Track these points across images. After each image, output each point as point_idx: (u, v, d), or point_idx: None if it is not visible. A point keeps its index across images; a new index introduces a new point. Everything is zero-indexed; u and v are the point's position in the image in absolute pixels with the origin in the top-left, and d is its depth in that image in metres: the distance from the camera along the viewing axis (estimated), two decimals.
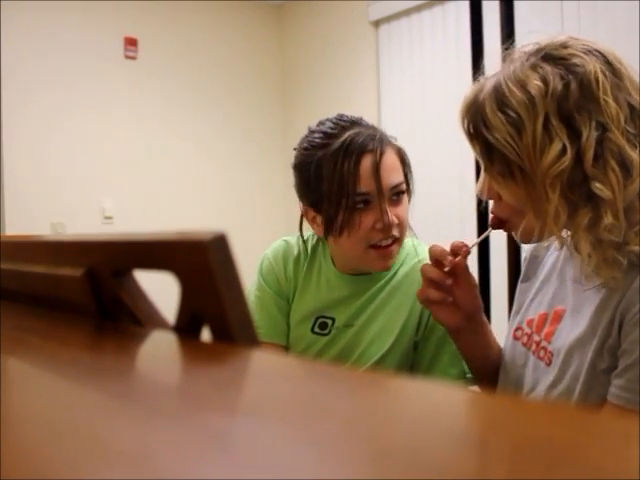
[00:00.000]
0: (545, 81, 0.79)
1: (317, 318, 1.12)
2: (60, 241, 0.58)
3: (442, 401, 0.26)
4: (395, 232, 1.04)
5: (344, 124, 1.05)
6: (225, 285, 0.35)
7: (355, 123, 1.05)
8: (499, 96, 0.82)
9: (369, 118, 1.10)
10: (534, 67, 0.81)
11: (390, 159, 1.03)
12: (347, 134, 1.02)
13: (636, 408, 0.77)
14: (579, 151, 0.78)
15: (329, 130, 1.04)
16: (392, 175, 1.03)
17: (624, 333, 0.80)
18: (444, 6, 3.23)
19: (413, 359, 1.10)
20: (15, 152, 3.19)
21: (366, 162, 1.01)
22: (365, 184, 1.01)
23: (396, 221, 1.03)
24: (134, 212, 3.50)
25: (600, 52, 0.83)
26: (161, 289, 0.69)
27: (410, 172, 1.08)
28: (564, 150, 0.77)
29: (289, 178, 1.14)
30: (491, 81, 0.84)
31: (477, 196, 0.93)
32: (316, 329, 1.12)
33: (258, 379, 0.32)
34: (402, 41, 3.46)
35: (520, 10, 2.23)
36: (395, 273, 1.11)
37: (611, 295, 0.82)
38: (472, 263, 0.99)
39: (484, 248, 1.98)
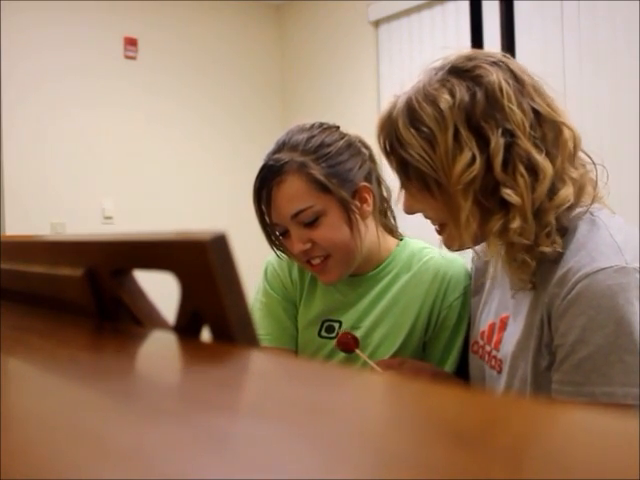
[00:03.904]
0: (452, 93, 0.83)
1: (324, 322, 1.13)
2: (60, 241, 0.58)
3: (443, 401, 0.26)
4: (318, 252, 1.05)
5: (274, 148, 1.05)
6: (225, 285, 0.35)
7: (284, 146, 1.04)
8: (410, 112, 0.85)
9: (368, 118, 1.10)
10: (442, 81, 0.85)
11: (289, 187, 1.02)
12: (263, 163, 1.04)
13: (579, 399, 0.78)
14: (489, 158, 0.81)
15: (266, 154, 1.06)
16: (291, 204, 1.02)
17: (554, 327, 0.82)
18: (444, 6, 3.23)
19: (422, 359, 1.10)
20: (15, 152, 3.19)
21: (264, 197, 1.04)
22: (269, 215, 1.05)
23: (307, 246, 1.04)
24: (134, 212, 3.49)
25: (504, 62, 0.86)
26: (161, 289, 0.69)
27: (335, 186, 1.02)
28: (473, 159, 0.80)
29: None
30: (403, 98, 0.87)
31: (404, 212, 0.95)
32: (323, 333, 1.12)
33: (258, 379, 0.32)
34: (402, 41, 3.46)
35: (520, 10, 2.23)
36: (397, 275, 1.11)
37: (540, 293, 0.84)
38: None
39: None
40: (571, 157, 0.85)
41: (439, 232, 0.93)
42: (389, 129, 0.87)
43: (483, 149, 0.81)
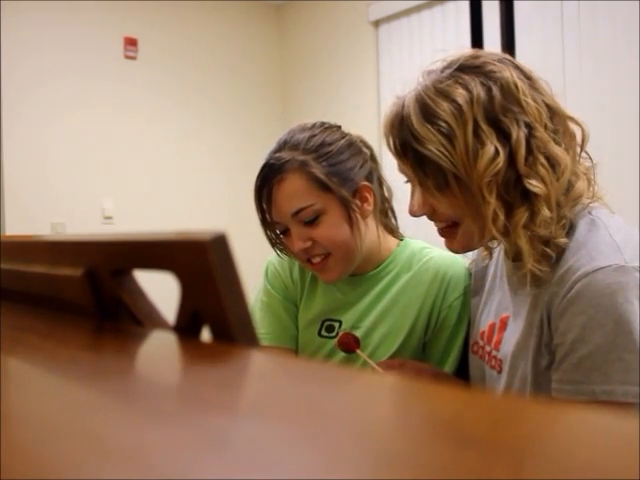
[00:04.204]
0: (468, 89, 0.82)
1: (324, 321, 1.13)
2: (60, 241, 0.58)
3: (444, 401, 0.26)
4: (318, 251, 1.05)
5: (275, 147, 1.06)
6: (225, 285, 0.35)
7: (285, 144, 1.05)
8: (424, 108, 0.84)
9: (368, 118, 1.10)
10: (453, 78, 0.84)
11: (290, 185, 1.02)
12: (264, 162, 1.05)
13: (579, 398, 0.78)
14: (510, 151, 0.81)
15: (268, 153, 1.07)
16: (291, 202, 1.02)
17: (554, 327, 0.82)
18: (444, 6, 3.23)
19: (422, 359, 1.10)
20: (15, 152, 3.19)
21: (264, 195, 1.05)
22: (270, 214, 1.06)
23: (307, 244, 1.04)
24: (134, 212, 3.49)
25: (508, 59, 0.86)
26: (161, 289, 0.69)
27: (336, 185, 1.02)
28: (497, 152, 0.80)
29: None
30: (410, 96, 0.86)
31: (409, 214, 0.94)
32: (323, 332, 1.12)
33: (258, 379, 0.32)
34: (402, 41, 3.46)
35: (520, 10, 2.23)
36: (397, 274, 1.11)
37: (540, 292, 0.84)
38: None
39: None
40: (577, 152, 0.86)
41: (444, 234, 0.92)
42: (400, 128, 0.86)
43: (504, 143, 0.81)
